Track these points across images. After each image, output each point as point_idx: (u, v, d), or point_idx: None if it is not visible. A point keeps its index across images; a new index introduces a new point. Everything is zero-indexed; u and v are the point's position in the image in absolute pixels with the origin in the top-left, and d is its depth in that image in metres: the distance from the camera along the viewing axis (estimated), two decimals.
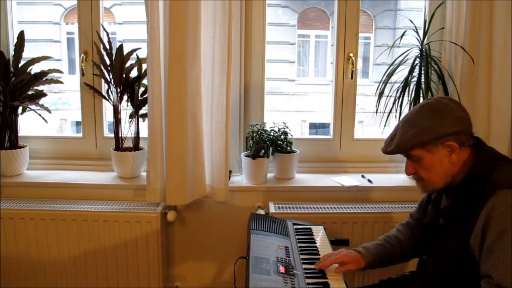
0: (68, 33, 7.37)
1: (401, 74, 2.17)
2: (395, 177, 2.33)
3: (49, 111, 2.23)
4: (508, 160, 1.39)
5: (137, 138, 2.27)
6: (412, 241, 1.62)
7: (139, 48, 2.24)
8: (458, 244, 1.32)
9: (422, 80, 2.12)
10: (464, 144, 1.35)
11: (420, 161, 1.38)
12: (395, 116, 2.16)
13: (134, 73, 2.25)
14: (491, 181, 1.29)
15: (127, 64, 2.21)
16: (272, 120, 2.31)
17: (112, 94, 2.21)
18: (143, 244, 2.08)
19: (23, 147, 2.27)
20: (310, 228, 1.81)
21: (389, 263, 1.62)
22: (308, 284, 1.38)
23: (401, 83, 2.16)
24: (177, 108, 1.98)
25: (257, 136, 2.18)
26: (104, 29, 2.25)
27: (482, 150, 1.38)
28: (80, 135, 2.40)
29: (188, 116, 2.01)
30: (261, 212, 2.13)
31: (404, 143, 1.37)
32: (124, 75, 2.20)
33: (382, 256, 1.58)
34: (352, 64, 2.30)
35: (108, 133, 2.41)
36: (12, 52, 2.21)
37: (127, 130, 2.26)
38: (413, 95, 2.13)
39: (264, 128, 2.24)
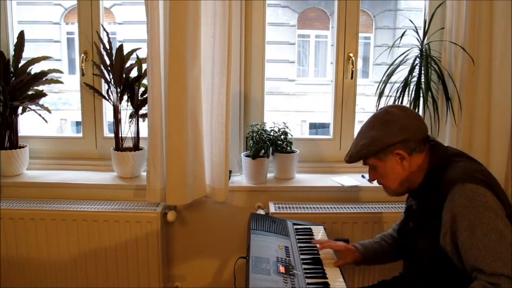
0: (68, 33, 7.37)
1: (401, 74, 2.17)
2: None
3: (49, 111, 2.24)
4: (463, 156, 1.42)
5: (137, 138, 2.27)
6: None
7: (139, 48, 2.24)
8: (430, 244, 1.35)
9: (422, 80, 2.11)
10: (415, 150, 1.40)
11: (376, 168, 1.46)
12: None
13: (134, 73, 2.25)
14: (447, 178, 1.33)
15: (127, 64, 2.21)
16: (272, 120, 2.31)
17: (112, 94, 2.21)
18: (143, 244, 2.08)
19: (23, 147, 2.27)
20: (310, 228, 1.81)
21: (384, 260, 1.69)
22: (308, 284, 1.38)
23: (401, 83, 2.16)
24: (177, 108, 1.98)
25: (257, 136, 2.18)
26: (104, 29, 2.25)
27: (435, 151, 1.43)
28: (80, 135, 2.40)
29: (188, 116, 2.01)
30: (261, 212, 2.13)
31: (355, 154, 1.46)
32: (124, 75, 2.20)
33: (378, 253, 1.65)
34: (352, 64, 2.30)
35: (108, 133, 2.41)
36: (12, 52, 2.22)
37: (127, 130, 2.26)
38: (413, 95, 2.13)
39: (264, 128, 2.24)
